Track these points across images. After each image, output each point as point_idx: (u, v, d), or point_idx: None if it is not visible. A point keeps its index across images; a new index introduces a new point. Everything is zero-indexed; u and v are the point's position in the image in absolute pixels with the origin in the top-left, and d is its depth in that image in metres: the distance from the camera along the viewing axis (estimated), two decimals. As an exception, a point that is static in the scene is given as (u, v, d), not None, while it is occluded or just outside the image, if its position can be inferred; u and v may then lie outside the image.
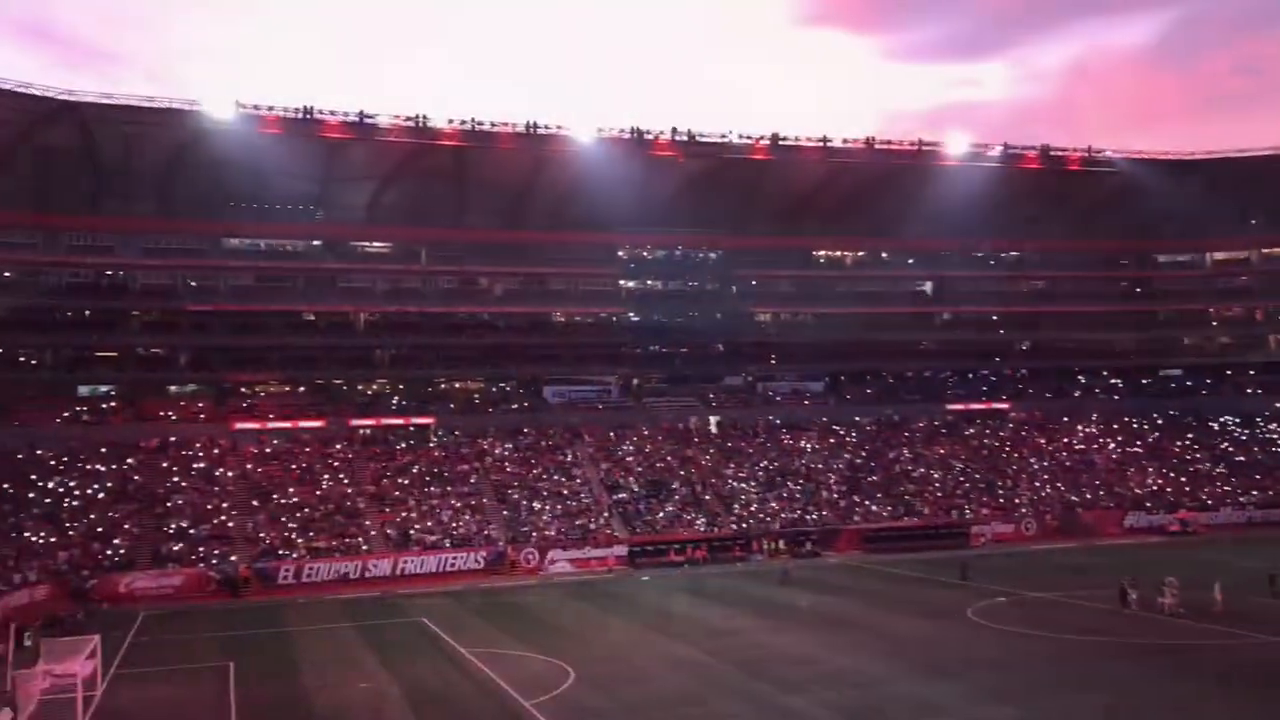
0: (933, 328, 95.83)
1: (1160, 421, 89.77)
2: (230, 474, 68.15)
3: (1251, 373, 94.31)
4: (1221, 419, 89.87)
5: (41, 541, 57.63)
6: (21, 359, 74.29)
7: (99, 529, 59.99)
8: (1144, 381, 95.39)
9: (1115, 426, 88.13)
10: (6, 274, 73.86)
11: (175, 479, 66.58)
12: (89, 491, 63.56)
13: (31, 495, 62.04)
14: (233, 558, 58.97)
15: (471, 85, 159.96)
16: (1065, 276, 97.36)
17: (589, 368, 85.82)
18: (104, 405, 73.87)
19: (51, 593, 52.76)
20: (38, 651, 35.89)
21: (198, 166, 73.70)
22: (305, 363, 79.32)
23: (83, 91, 66.91)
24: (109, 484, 64.70)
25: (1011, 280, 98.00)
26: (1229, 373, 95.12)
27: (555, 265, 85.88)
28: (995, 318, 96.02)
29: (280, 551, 60.32)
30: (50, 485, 63.44)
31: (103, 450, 67.84)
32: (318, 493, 67.03)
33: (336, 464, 70.80)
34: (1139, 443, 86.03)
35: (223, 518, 63.02)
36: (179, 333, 77.32)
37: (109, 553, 58.10)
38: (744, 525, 68.48)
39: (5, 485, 62.25)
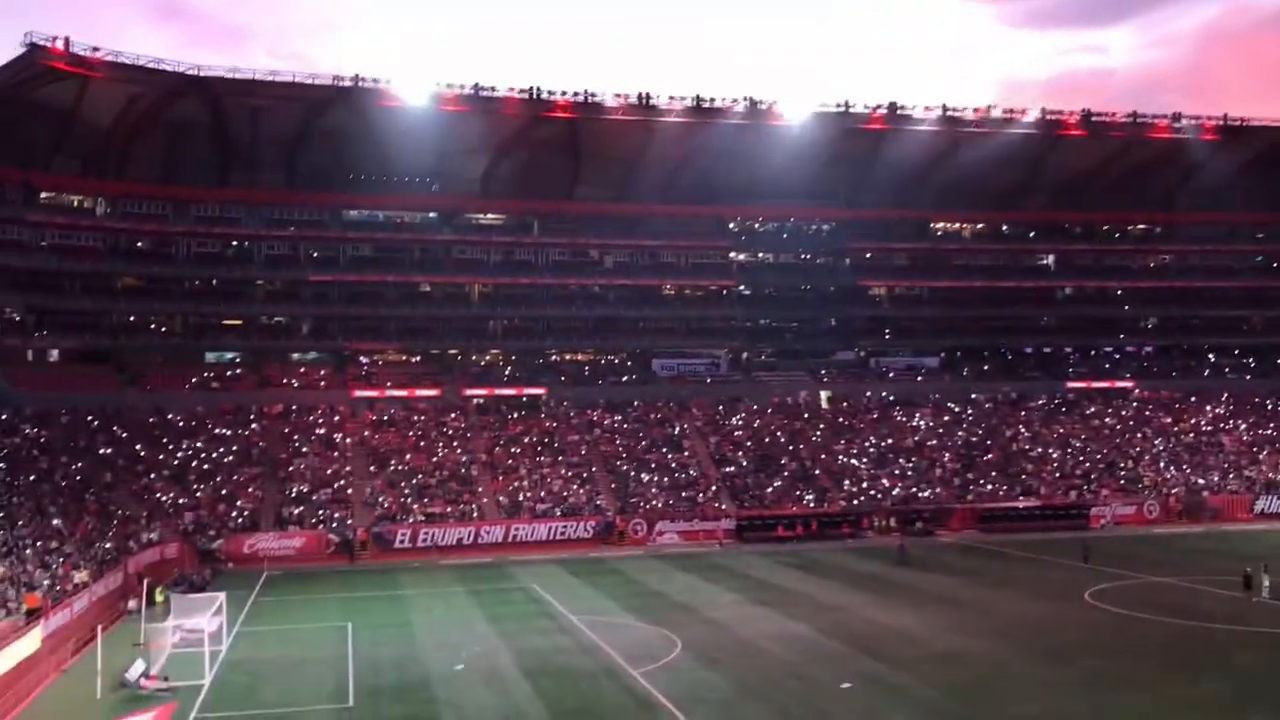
0: (1054, 303, 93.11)
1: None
2: (349, 440, 69.94)
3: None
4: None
5: (170, 502, 60.05)
6: (152, 326, 77.23)
7: (224, 491, 62.22)
8: None
9: (1247, 407, 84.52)
10: (139, 244, 76.73)
11: (297, 444, 68.64)
12: (215, 455, 65.94)
13: (161, 457, 64.57)
14: (349, 521, 60.66)
15: (582, 57, 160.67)
16: (1195, 251, 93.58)
17: (698, 341, 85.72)
18: (229, 372, 76.50)
19: (180, 552, 54.99)
20: (168, 607, 37.51)
21: (320, 140, 75.56)
22: (421, 333, 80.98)
23: (210, 67, 68.70)
24: (234, 448, 66.96)
25: (1138, 254, 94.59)
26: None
27: (666, 238, 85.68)
28: (1119, 293, 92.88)
29: (396, 516, 61.81)
30: (179, 448, 65.94)
31: (228, 415, 70.32)
32: (433, 460, 68.42)
33: (451, 432, 72.13)
34: (1272, 424, 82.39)
35: (341, 482, 64.80)
36: (301, 302, 79.53)
37: (234, 514, 60.25)
38: (854, 502, 67.80)
39: (137, 447, 64.91)
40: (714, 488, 68.13)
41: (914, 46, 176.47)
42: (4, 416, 61.81)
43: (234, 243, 78.86)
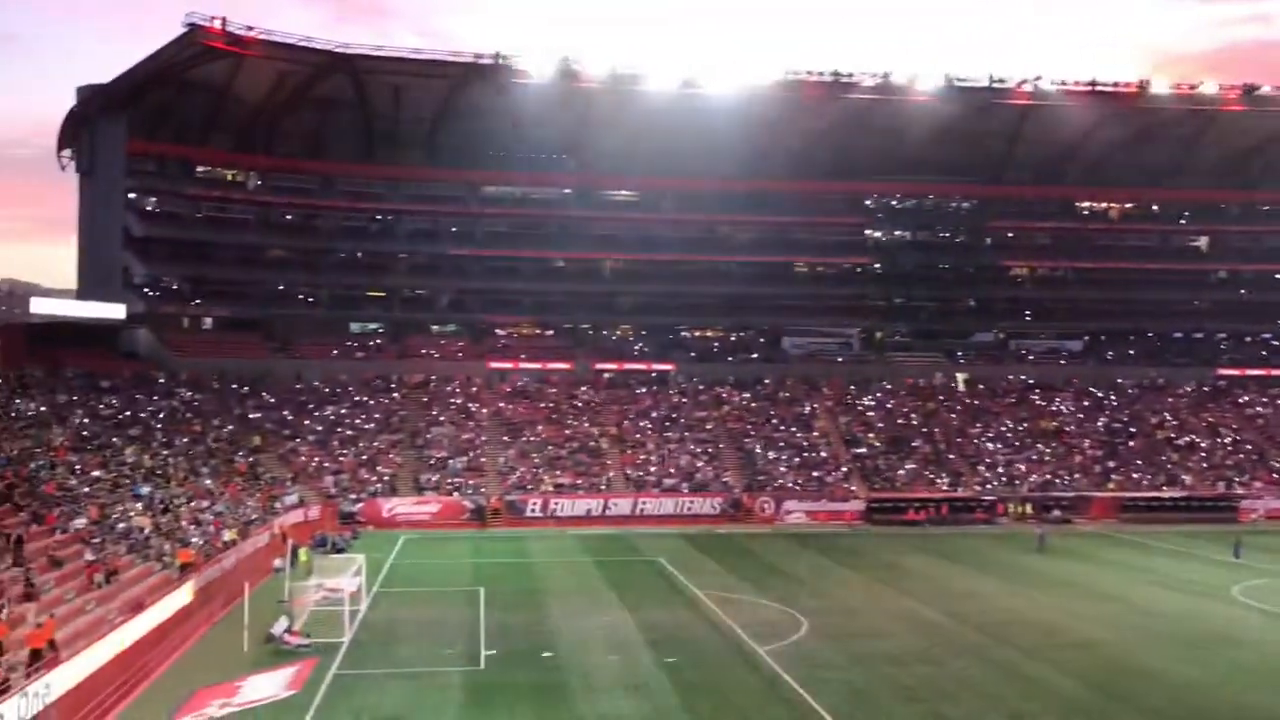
0: (1205, 286, 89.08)
1: None
2: (484, 410, 71.46)
3: None
4: None
5: (315, 466, 62.37)
6: (300, 296, 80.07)
7: (365, 456, 64.31)
8: None
9: None
10: (288, 217, 79.66)
11: (435, 413, 70.45)
12: (357, 421, 68.15)
13: (306, 423, 67.06)
14: (483, 489, 62.06)
15: (721, 31, 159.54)
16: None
17: (830, 319, 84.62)
18: (372, 342, 78.86)
19: (323, 514, 57.12)
20: (311, 567, 39.04)
21: (460, 116, 76.85)
22: (554, 307, 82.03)
23: (355, 44, 70.58)
24: (376, 415, 69.12)
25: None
26: None
27: (798, 214, 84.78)
28: (1279, 276, 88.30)
29: (528, 486, 62.99)
30: (323, 414, 68.34)
31: (370, 383, 72.59)
32: (564, 432, 69.41)
33: (581, 405, 73.04)
34: None
35: (476, 451, 66.30)
36: (440, 276, 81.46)
37: (374, 479, 62.23)
38: (988, 487, 66.27)
39: (284, 412, 67.54)
40: (844, 468, 67.44)
41: (1064, 17, 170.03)
42: (161, 380, 65.10)
43: (377, 217, 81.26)
